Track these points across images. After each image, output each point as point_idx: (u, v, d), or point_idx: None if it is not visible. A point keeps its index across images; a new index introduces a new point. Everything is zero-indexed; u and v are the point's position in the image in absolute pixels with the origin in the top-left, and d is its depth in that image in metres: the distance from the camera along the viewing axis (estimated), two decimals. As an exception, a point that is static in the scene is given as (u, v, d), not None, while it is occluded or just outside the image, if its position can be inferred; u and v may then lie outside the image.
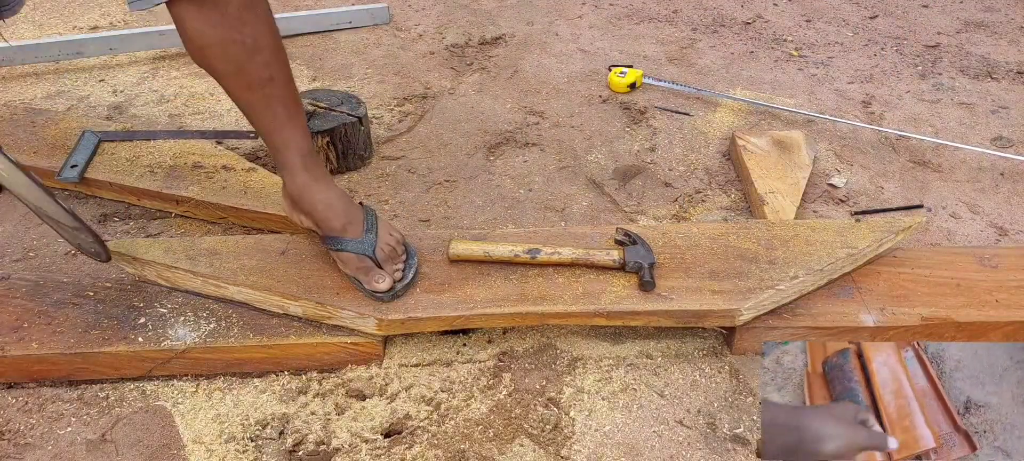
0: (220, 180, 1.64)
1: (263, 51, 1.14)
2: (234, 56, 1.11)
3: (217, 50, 1.10)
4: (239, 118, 2.03)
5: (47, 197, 1.21)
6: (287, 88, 1.20)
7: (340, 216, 1.29)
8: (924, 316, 1.30)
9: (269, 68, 1.16)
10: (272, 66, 1.16)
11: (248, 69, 1.14)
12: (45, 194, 1.21)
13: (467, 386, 1.29)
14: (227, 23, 1.08)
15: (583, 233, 1.43)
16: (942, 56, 2.42)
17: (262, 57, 1.14)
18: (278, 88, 1.18)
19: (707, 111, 2.11)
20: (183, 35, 1.10)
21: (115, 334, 1.27)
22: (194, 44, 1.10)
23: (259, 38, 1.13)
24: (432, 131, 2.02)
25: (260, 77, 1.15)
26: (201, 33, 1.08)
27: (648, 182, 1.81)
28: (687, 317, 1.29)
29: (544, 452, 1.18)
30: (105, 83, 2.21)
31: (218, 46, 1.10)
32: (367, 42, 2.50)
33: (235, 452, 1.18)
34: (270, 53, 1.15)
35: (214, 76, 1.15)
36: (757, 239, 1.41)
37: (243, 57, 1.12)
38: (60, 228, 1.26)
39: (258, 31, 1.12)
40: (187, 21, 1.08)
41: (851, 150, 1.93)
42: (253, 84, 1.15)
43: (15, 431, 1.21)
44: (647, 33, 2.58)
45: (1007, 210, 1.72)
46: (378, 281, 1.27)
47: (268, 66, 1.15)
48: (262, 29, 1.13)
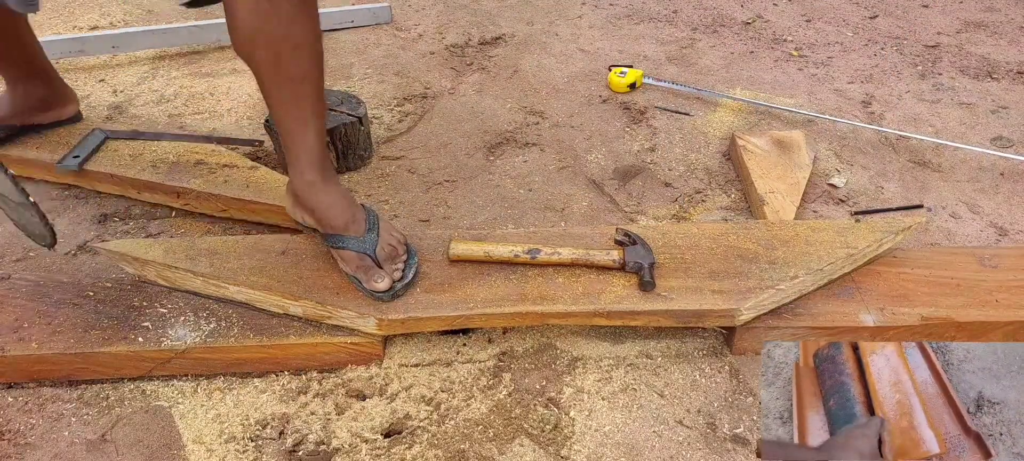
0: (222, 175, 1.64)
1: (305, 49, 1.16)
2: (278, 50, 1.14)
3: (262, 42, 1.13)
4: (238, 118, 2.04)
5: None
6: (317, 90, 1.23)
7: (342, 214, 1.29)
8: (924, 316, 1.30)
9: (305, 67, 1.18)
10: (309, 66, 1.19)
11: (288, 65, 1.16)
12: None
13: (467, 386, 1.29)
14: (277, 18, 1.11)
15: (583, 233, 1.43)
16: (942, 56, 2.42)
17: (303, 55, 1.17)
18: (310, 87, 1.21)
19: (707, 111, 2.11)
20: (232, 23, 1.12)
21: (115, 334, 1.27)
22: (241, 34, 1.13)
23: (304, 37, 1.16)
24: (432, 131, 2.02)
25: (296, 75, 1.18)
26: (250, 23, 1.11)
27: (648, 182, 1.81)
28: (687, 317, 1.29)
29: (544, 452, 1.18)
30: (105, 83, 2.21)
31: (264, 38, 1.12)
32: (367, 42, 2.50)
33: (235, 452, 1.18)
34: (310, 53, 1.18)
35: (252, 66, 1.17)
36: (757, 239, 1.41)
37: (286, 53, 1.14)
38: (4, 204, 1.21)
39: (305, 30, 1.15)
40: (239, 10, 1.10)
41: (851, 150, 1.93)
42: (289, 80, 1.18)
43: (15, 431, 1.21)
44: (647, 33, 2.58)
45: (1007, 210, 1.72)
46: (378, 280, 1.27)
47: (305, 65, 1.18)
48: (309, 28, 1.16)
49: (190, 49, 2.41)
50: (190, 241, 1.39)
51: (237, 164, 1.68)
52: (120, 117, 2.03)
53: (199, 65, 2.32)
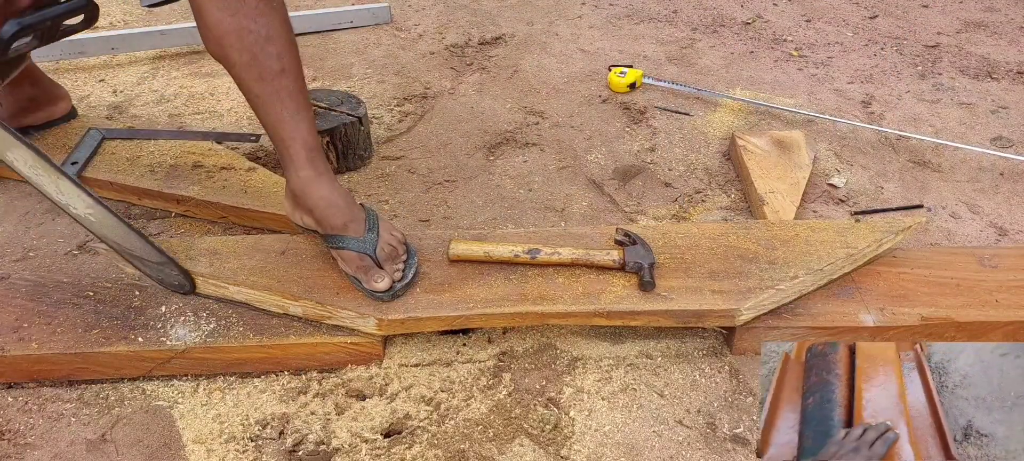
0: (220, 180, 1.64)
1: (276, 42, 1.17)
2: (249, 46, 1.15)
3: (233, 39, 1.14)
4: (238, 118, 2.04)
5: (133, 234, 1.21)
6: (297, 83, 1.23)
7: (342, 213, 1.29)
8: (924, 316, 1.30)
9: (282, 60, 1.19)
10: (285, 58, 1.19)
11: (262, 60, 1.17)
12: (131, 231, 1.21)
13: (467, 386, 1.29)
14: (244, 12, 1.13)
15: (583, 233, 1.43)
16: (942, 56, 2.42)
17: (275, 48, 1.17)
18: (289, 81, 1.21)
19: (707, 111, 2.11)
20: (202, 24, 1.14)
21: (115, 334, 1.27)
22: (212, 34, 1.14)
23: (273, 29, 1.17)
24: (432, 131, 2.02)
25: (273, 69, 1.18)
26: (219, 22, 1.13)
27: (648, 182, 1.81)
28: (687, 317, 1.29)
29: (544, 452, 1.18)
30: (105, 83, 2.21)
31: (235, 35, 1.14)
32: (367, 42, 2.50)
33: (235, 452, 1.18)
34: (283, 45, 1.19)
35: (228, 67, 1.18)
36: (757, 239, 1.41)
37: (257, 48, 1.15)
38: (142, 264, 1.24)
39: (273, 22, 1.17)
40: (207, 10, 1.12)
41: (851, 150, 1.93)
42: (265, 76, 1.18)
43: (15, 431, 1.21)
44: (647, 33, 2.58)
45: (1007, 210, 1.72)
46: (378, 280, 1.27)
47: (281, 58, 1.19)
48: (277, 21, 1.18)
49: (190, 49, 2.41)
50: (190, 241, 1.39)
51: (234, 166, 1.68)
52: (120, 117, 2.03)
53: (199, 65, 2.32)
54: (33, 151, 1.12)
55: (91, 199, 1.17)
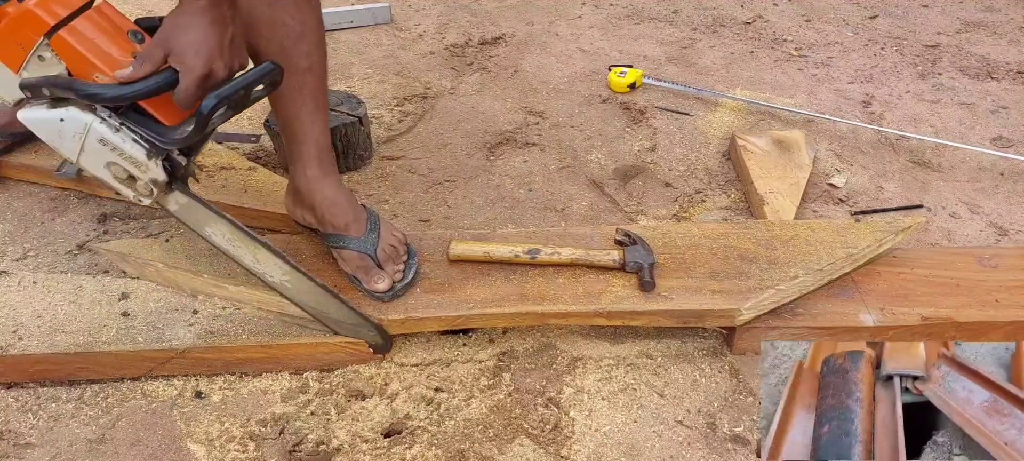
0: (220, 180, 1.64)
1: (309, 39, 1.15)
2: (280, 38, 1.12)
3: (264, 29, 1.11)
4: (238, 118, 2.03)
5: (330, 298, 1.21)
6: (321, 81, 1.21)
7: (344, 213, 1.29)
8: (924, 316, 1.30)
9: (310, 58, 1.17)
10: (313, 56, 1.17)
11: (291, 54, 1.14)
12: (327, 295, 1.21)
13: (467, 386, 1.29)
14: (281, 5, 1.09)
15: (583, 233, 1.43)
16: (942, 56, 2.42)
17: (307, 45, 1.15)
18: (313, 79, 1.19)
19: (707, 111, 2.11)
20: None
21: (115, 334, 1.27)
22: (245, 21, 1.09)
23: (308, 26, 1.14)
24: (432, 131, 2.02)
25: (300, 66, 1.16)
26: (253, 8, 1.08)
27: (648, 182, 1.81)
28: (687, 317, 1.29)
29: (544, 452, 1.18)
30: (105, 83, 2.21)
31: (267, 25, 1.10)
32: (367, 42, 2.50)
33: (235, 452, 1.17)
34: (313, 43, 1.16)
35: (254, 54, 1.14)
36: (757, 239, 1.41)
37: (289, 42, 1.13)
38: (339, 327, 1.24)
39: (308, 18, 1.13)
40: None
41: (851, 150, 1.93)
42: (291, 70, 1.15)
43: (15, 431, 1.21)
44: (647, 33, 2.58)
45: (1007, 210, 1.72)
46: (378, 281, 1.27)
47: (309, 56, 1.16)
48: (312, 18, 1.14)
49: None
50: (190, 241, 1.39)
51: (235, 165, 1.68)
52: (120, 117, 2.02)
53: (199, 65, 2.31)
54: (231, 224, 1.14)
55: (288, 266, 1.17)
